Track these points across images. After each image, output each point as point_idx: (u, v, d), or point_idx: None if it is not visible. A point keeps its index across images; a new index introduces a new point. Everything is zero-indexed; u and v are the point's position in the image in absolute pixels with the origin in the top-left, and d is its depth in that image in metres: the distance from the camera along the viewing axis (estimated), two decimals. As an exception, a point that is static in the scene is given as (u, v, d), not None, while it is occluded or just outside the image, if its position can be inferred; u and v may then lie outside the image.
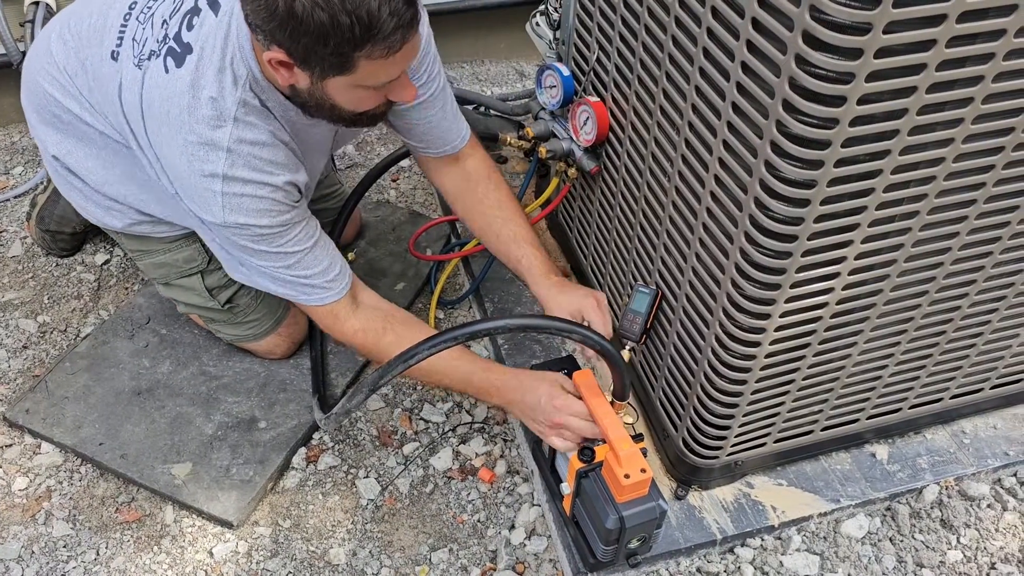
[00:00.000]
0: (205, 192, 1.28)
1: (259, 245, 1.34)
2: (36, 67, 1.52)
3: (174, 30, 1.30)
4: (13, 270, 2.01)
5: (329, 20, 1.08)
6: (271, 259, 1.37)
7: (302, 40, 1.12)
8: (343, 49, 1.13)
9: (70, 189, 1.62)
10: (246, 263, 1.40)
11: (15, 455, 1.63)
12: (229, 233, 1.33)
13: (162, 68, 1.29)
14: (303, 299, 1.43)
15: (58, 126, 1.53)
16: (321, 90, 1.23)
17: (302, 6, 1.08)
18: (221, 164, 1.26)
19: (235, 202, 1.29)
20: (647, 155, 1.38)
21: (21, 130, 2.43)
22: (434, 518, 1.57)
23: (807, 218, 1.06)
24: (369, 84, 1.22)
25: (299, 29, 1.10)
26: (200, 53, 1.27)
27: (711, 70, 1.12)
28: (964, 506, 1.56)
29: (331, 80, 1.20)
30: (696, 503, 1.51)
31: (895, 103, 0.96)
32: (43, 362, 1.80)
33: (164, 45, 1.30)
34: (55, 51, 1.47)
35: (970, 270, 1.27)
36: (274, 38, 1.14)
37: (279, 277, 1.39)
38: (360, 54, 1.14)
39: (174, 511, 1.56)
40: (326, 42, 1.11)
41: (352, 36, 1.11)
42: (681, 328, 1.38)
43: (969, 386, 1.57)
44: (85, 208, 1.63)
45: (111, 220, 1.61)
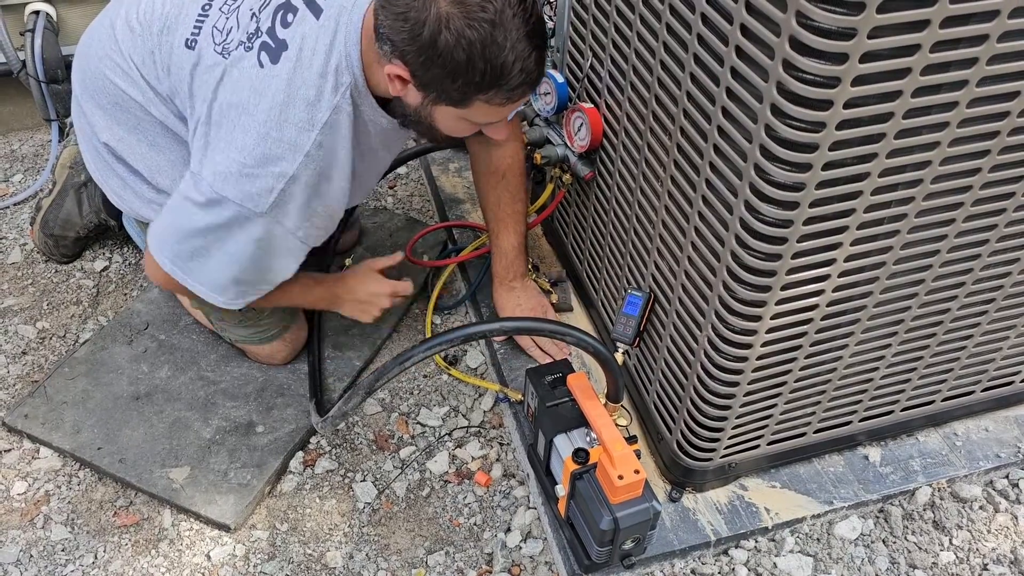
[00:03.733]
0: (263, 185, 1.29)
1: (261, 243, 1.36)
2: (98, 53, 1.50)
3: (267, 24, 1.31)
4: (12, 276, 2.02)
5: (466, 61, 1.14)
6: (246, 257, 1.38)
7: (433, 70, 1.17)
8: (467, 89, 1.19)
9: (111, 176, 1.60)
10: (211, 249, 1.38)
11: (14, 460, 1.64)
12: (253, 225, 1.32)
13: (255, 62, 1.29)
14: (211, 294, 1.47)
15: (115, 113, 1.51)
16: (428, 112, 1.28)
17: (446, 41, 1.13)
18: (295, 166, 1.29)
19: (284, 201, 1.31)
20: (640, 160, 1.40)
21: (21, 138, 2.45)
22: (430, 521, 1.58)
23: (796, 221, 1.07)
24: (475, 120, 1.28)
25: (434, 60, 1.15)
26: (299, 53, 1.28)
27: (701, 76, 1.13)
28: (956, 508, 1.57)
29: (441, 108, 1.26)
30: (690, 505, 1.52)
31: (881, 107, 0.98)
32: (42, 367, 1.81)
33: (257, 39, 1.31)
34: (120, 38, 1.46)
35: (959, 272, 1.29)
36: (404, 56, 1.18)
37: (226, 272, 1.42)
38: (481, 97, 1.20)
39: (172, 515, 1.57)
40: (455, 79, 1.17)
41: (481, 81, 1.17)
42: (674, 331, 1.39)
43: (960, 388, 1.58)
44: (122, 197, 1.62)
45: (147, 212, 1.60)
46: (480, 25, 1.13)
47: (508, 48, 1.15)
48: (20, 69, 2.22)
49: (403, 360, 1.28)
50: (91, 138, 1.58)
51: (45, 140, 2.43)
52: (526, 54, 1.18)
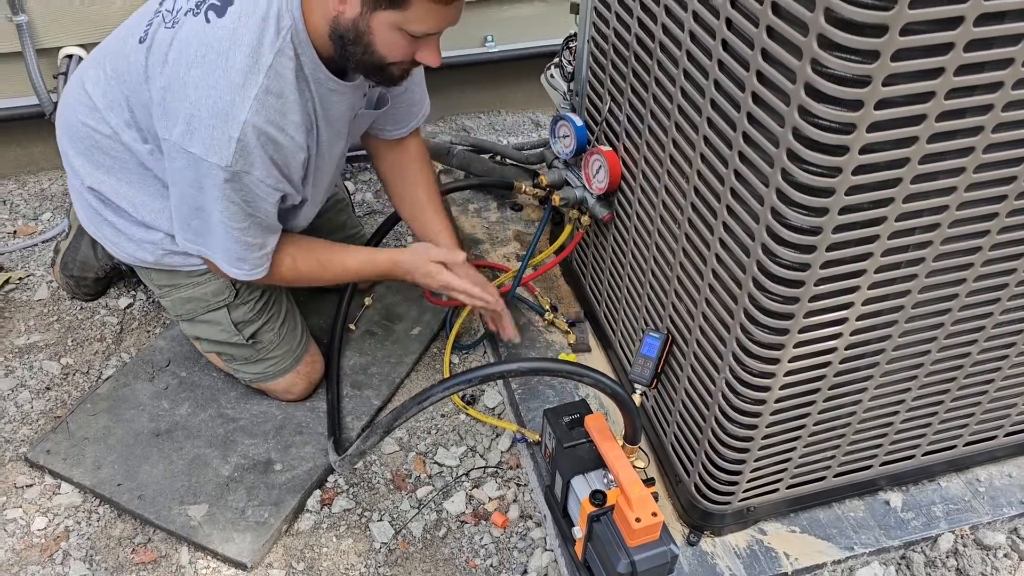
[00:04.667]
0: (221, 137, 1.33)
1: (239, 194, 1.39)
2: (72, 103, 1.59)
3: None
4: (39, 313, 2.05)
5: None
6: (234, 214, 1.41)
7: None
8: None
9: (102, 224, 1.66)
10: (207, 212, 1.43)
11: (35, 495, 1.66)
12: (222, 178, 1.36)
13: (203, 19, 1.34)
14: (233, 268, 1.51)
15: (95, 156, 1.58)
16: (366, 23, 1.31)
17: None
18: (246, 111, 1.32)
19: (246, 151, 1.34)
20: (658, 203, 1.41)
21: (51, 177, 2.50)
22: (447, 562, 1.57)
23: (813, 264, 1.08)
24: (411, 29, 1.31)
25: None
26: (242, 5, 1.33)
27: (718, 120, 1.15)
28: (980, 555, 1.55)
29: (380, 14, 1.29)
30: (708, 549, 1.51)
31: (897, 152, 0.99)
32: (65, 403, 1.84)
33: (205, 3, 1.36)
34: (89, 86, 1.55)
35: (978, 316, 1.28)
36: None
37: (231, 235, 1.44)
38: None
39: (189, 552, 1.57)
40: None
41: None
42: (692, 373, 1.40)
43: (983, 433, 1.56)
44: (117, 244, 1.66)
45: (143, 254, 1.64)
46: None
47: None
48: (52, 111, 2.27)
49: (422, 399, 1.28)
50: (80, 189, 1.65)
51: (74, 179, 2.49)
52: None
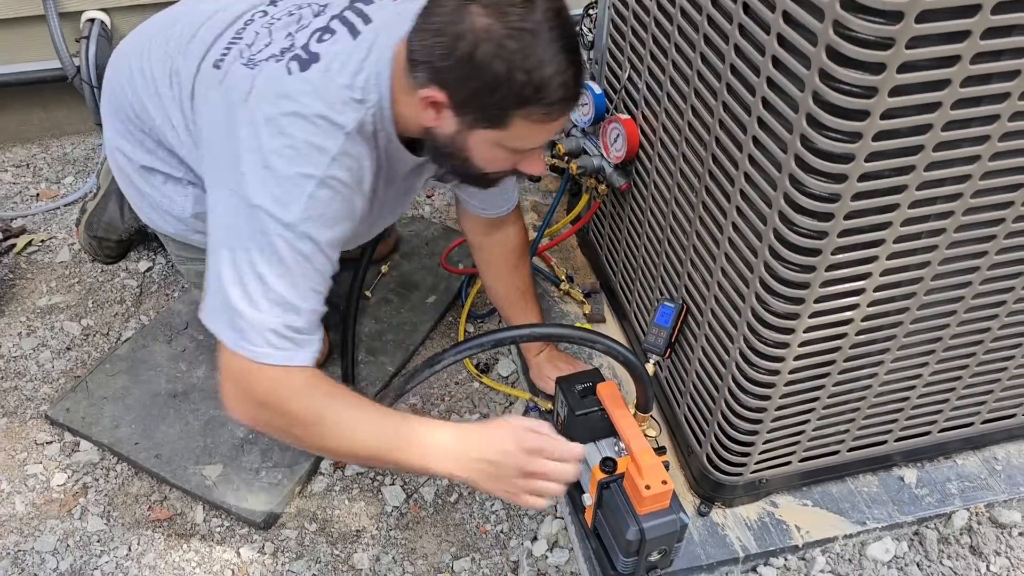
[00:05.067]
0: (293, 189, 1.18)
1: (296, 265, 1.19)
2: (122, 70, 1.52)
3: (302, 42, 1.29)
4: (60, 275, 2.07)
5: (505, 72, 1.10)
6: (285, 284, 1.19)
7: (470, 84, 1.13)
8: (506, 104, 1.14)
9: (128, 184, 1.62)
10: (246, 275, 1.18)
11: (55, 452, 1.69)
12: (284, 237, 1.17)
13: (284, 69, 1.25)
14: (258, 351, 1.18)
15: (132, 131, 1.53)
16: (463, 139, 1.22)
17: (484, 52, 1.10)
18: (323, 168, 1.19)
19: (318, 210, 1.19)
20: (675, 171, 1.40)
21: (73, 141, 2.52)
22: (458, 527, 1.58)
23: (831, 232, 1.06)
24: (513, 146, 1.22)
25: (473, 74, 1.12)
26: (328, 64, 1.24)
27: (737, 86, 1.14)
28: (995, 533, 1.54)
29: (478, 132, 1.20)
30: (719, 520, 1.51)
31: (919, 118, 0.97)
32: (85, 363, 1.86)
33: (289, 52, 1.28)
34: (153, 55, 1.47)
35: (999, 291, 1.26)
36: (438, 78, 1.15)
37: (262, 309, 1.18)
38: (520, 113, 1.15)
39: (204, 511, 1.59)
40: (493, 93, 1.13)
41: (520, 94, 1.13)
42: (706, 343, 1.39)
43: (1001, 411, 1.54)
44: (140, 208, 1.64)
45: (165, 226, 1.62)
46: (520, 35, 1.10)
47: (548, 60, 1.12)
48: (75, 75, 2.29)
49: (433, 363, 1.29)
50: (110, 147, 1.61)
51: (96, 144, 2.50)
52: (564, 67, 1.14)
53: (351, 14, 1.32)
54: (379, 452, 1.22)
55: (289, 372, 1.19)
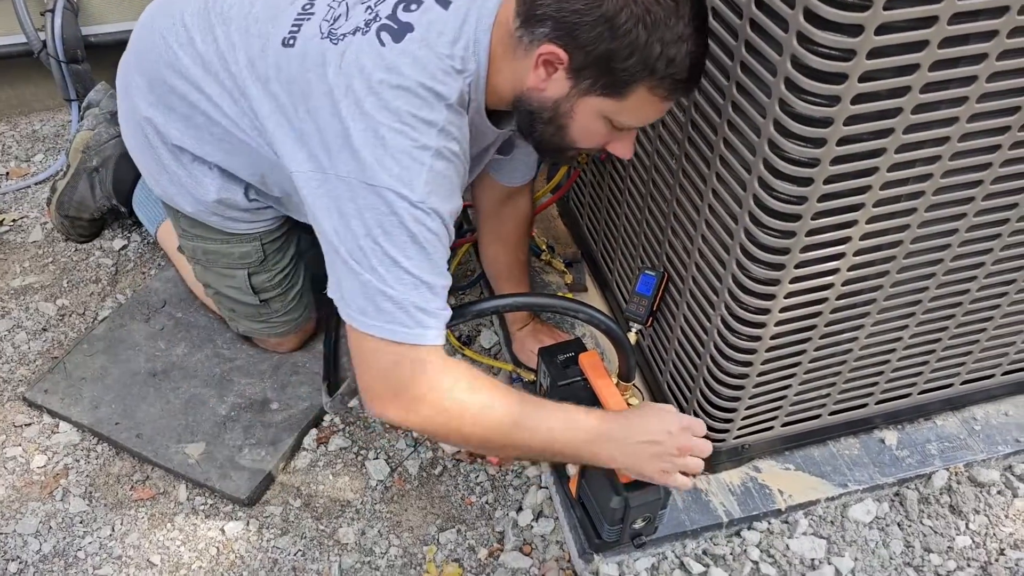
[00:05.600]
0: (412, 164, 1.14)
1: (428, 244, 1.16)
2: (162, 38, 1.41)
3: (387, 11, 1.22)
4: (34, 255, 2.04)
5: (645, 39, 1.06)
6: (420, 264, 1.16)
7: (603, 46, 1.07)
8: (634, 72, 1.09)
9: (147, 154, 1.53)
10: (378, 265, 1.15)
11: (34, 434, 1.67)
12: (413, 215, 1.14)
13: (375, 40, 1.18)
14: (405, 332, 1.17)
15: (169, 100, 1.43)
16: (570, 106, 1.16)
17: (630, 13, 1.05)
18: (435, 138, 1.15)
19: (438, 180, 1.16)
20: (654, 138, 1.39)
21: (42, 119, 2.47)
22: (443, 499, 1.59)
23: (810, 198, 1.06)
24: (620, 119, 1.16)
25: (611, 34, 1.06)
26: (425, 33, 1.18)
27: (715, 50, 1.12)
28: (974, 492, 1.56)
29: (590, 99, 1.14)
30: (703, 486, 1.52)
31: (898, 80, 0.96)
32: (62, 344, 1.84)
33: (375, 23, 1.21)
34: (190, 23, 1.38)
35: (977, 252, 1.27)
36: (565, 35, 1.09)
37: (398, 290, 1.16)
38: (645, 84, 1.10)
39: (187, 490, 1.59)
40: (627, 58, 1.07)
41: (653, 65, 1.08)
42: (688, 311, 1.39)
43: (980, 372, 1.56)
44: (157, 179, 1.55)
45: (182, 202, 1.55)
46: (666, 5, 1.05)
47: (687, 36, 1.07)
48: (40, 49, 2.23)
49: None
50: (135, 116, 1.51)
51: (66, 120, 2.46)
52: (698, 47, 1.09)
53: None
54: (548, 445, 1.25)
55: (438, 358, 1.19)
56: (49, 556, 1.49)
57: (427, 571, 1.48)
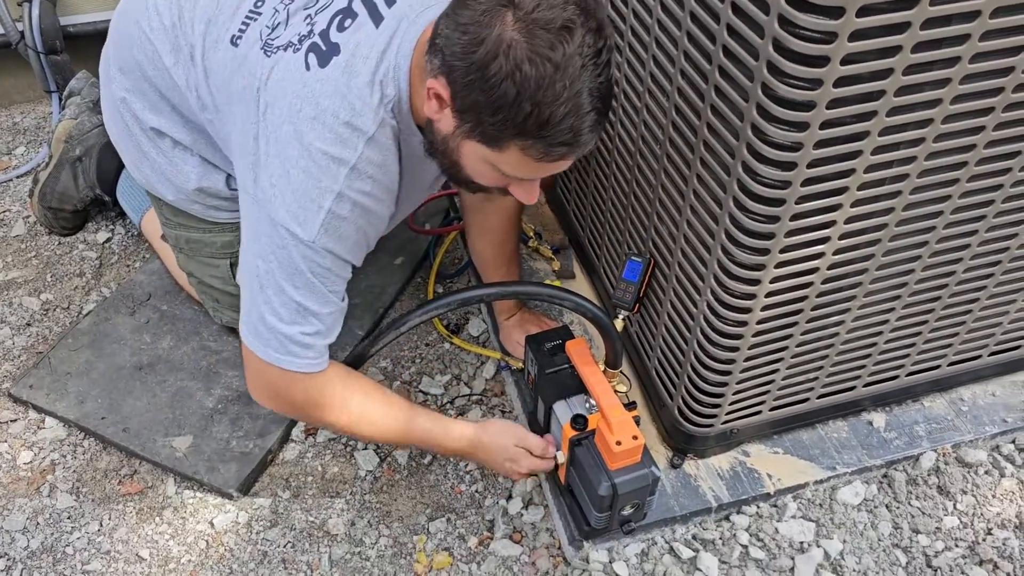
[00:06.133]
0: (310, 206, 1.15)
1: (316, 278, 1.20)
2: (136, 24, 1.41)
3: (321, 27, 1.21)
4: (16, 249, 2.02)
5: (513, 97, 1.00)
6: (306, 295, 1.21)
7: (475, 95, 1.03)
8: (505, 128, 1.04)
9: (128, 140, 1.52)
10: (268, 286, 1.21)
11: (20, 429, 1.66)
12: (303, 253, 1.17)
13: (301, 63, 1.17)
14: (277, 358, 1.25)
15: (142, 86, 1.44)
16: (456, 144, 1.13)
17: (499, 68, 0.99)
18: (342, 180, 1.15)
19: (336, 224, 1.17)
20: (639, 123, 1.38)
21: (23, 110, 2.44)
22: (432, 489, 1.58)
23: (794, 182, 1.05)
24: (504, 170, 1.13)
25: (480, 84, 1.02)
26: (349, 59, 1.16)
27: (697, 34, 1.11)
28: (961, 473, 1.56)
29: (471, 143, 1.10)
30: (692, 471, 1.52)
31: (880, 62, 0.95)
32: (46, 339, 1.82)
33: (307, 40, 1.20)
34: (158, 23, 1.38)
35: (963, 235, 1.26)
36: (450, 73, 1.05)
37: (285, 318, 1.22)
38: (517, 143, 1.06)
39: (176, 483, 1.58)
40: (495, 113, 1.03)
41: (522, 124, 1.03)
42: (674, 296, 1.38)
43: (967, 353, 1.56)
44: (138, 167, 1.55)
45: (163, 190, 1.54)
46: (542, 64, 0.99)
47: (564, 99, 1.01)
48: (19, 40, 2.20)
49: (399, 325, 1.27)
50: (114, 100, 1.51)
51: (46, 112, 2.43)
52: (582, 112, 1.03)
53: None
54: (401, 440, 1.44)
55: (313, 377, 1.27)
56: (37, 552, 1.48)
57: (417, 560, 1.48)
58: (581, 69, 1.01)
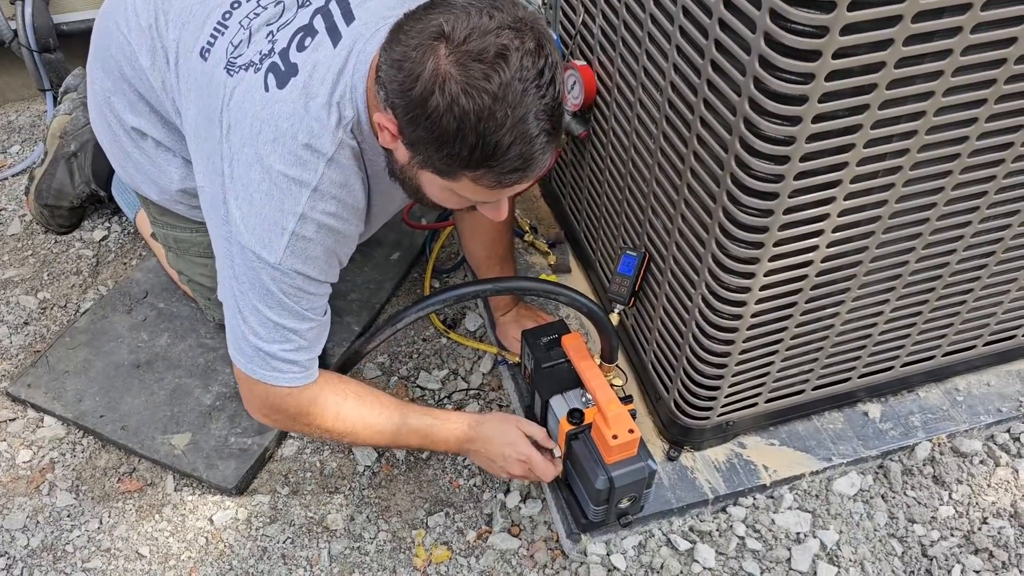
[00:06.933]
0: (273, 228, 1.15)
1: (288, 298, 1.20)
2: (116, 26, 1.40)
3: (281, 46, 1.20)
4: (13, 248, 2.02)
5: (455, 131, 0.99)
6: (281, 313, 1.22)
7: (419, 131, 1.03)
8: (453, 163, 1.04)
9: (113, 141, 1.52)
10: (244, 307, 1.22)
11: (18, 428, 1.66)
12: (271, 275, 1.18)
13: (261, 84, 1.17)
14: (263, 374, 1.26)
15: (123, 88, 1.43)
16: (414, 173, 1.13)
17: (436, 104, 0.98)
18: (304, 202, 1.15)
19: (301, 246, 1.17)
20: (632, 118, 1.38)
21: (18, 109, 2.44)
22: (430, 483, 1.59)
23: (787, 175, 1.06)
24: (464, 195, 1.12)
25: (421, 121, 1.01)
26: (307, 81, 1.15)
27: (690, 28, 1.11)
28: (956, 462, 1.57)
29: (427, 174, 1.10)
30: (688, 464, 1.52)
31: (872, 56, 0.95)
32: (44, 338, 1.82)
33: (268, 60, 1.19)
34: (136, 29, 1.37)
35: (956, 226, 1.27)
36: (394, 109, 1.05)
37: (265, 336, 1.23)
38: (468, 174, 1.05)
39: (175, 480, 1.59)
40: (440, 148, 1.02)
41: (469, 157, 1.02)
42: (669, 290, 1.39)
43: (962, 343, 1.57)
44: (124, 167, 1.55)
45: (148, 191, 1.55)
46: (479, 95, 0.97)
47: (508, 127, 0.99)
48: (12, 39, 2.20)
49: (395, 321, 1.28)
50: (99, 100, 1.51)
51: (41, 110, 2.42)
52: (528, 137, 1.01)
53: (335, 7, 1.22)
54: (394, 444, 1.43)
55: (302, 390, 1.28)
56: (37, 551, 1.49)
57: (416, 555, 1.49)
58: (523, 94, 0.99)
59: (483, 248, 1.68)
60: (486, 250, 1.68)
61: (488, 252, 1.68)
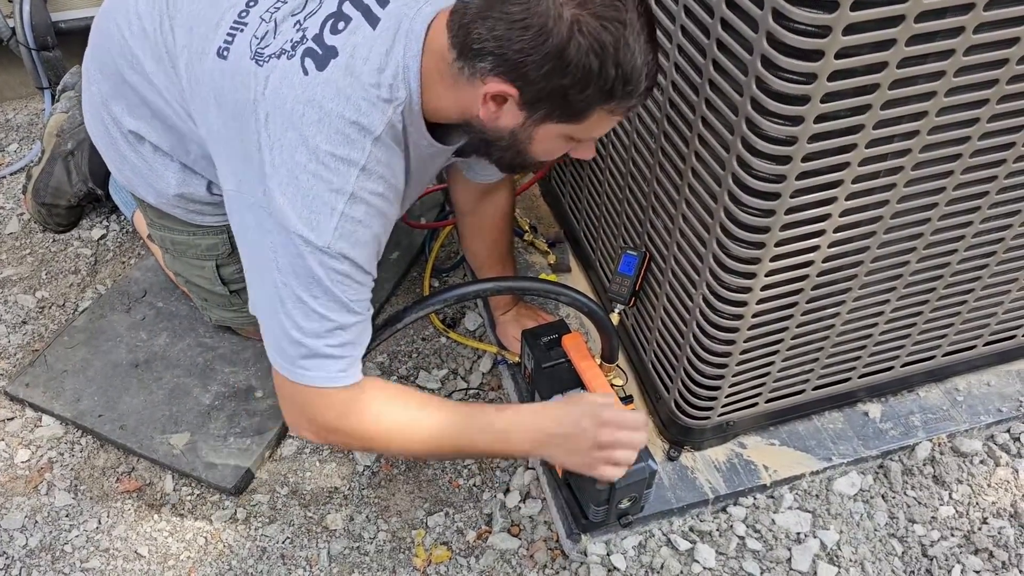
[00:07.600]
0: (323, 209, 1.12)
1: (335, 286, 1.16)
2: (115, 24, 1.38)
3: (313, 32, 1.17)
4: (11, 247, 2.02)
5: (599, 68, 1.02)
6: (327, 304, 1.17)
7: (555, 80, 1.03)
8: (594, 98, 1.06)
9: (109, 144, 1.50)
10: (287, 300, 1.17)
11: (17, 428, 1.66)
12: (319, 260, 1.14)
13: (298, 69, 1.14)
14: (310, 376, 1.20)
15: (122, 90, 1.41)
16: (528, 133, 1.13)
17: (577, 46, 1.00)
18: (353, 181, 1.13)
19: (351, 228, 1.14)
20: (633, 117, 1.38)
21: (15, 107, 2.43)
22: (430, 483, 1.59)
23: (789, 176, 1.05)
24: (582, 136, 1.14)
25: (562, 69, 1.02)
26: (349, 60, 1.13)
27: (691, 28, 1.11)
28: (957, 462, 1.57)
29: (548, 126, 1.11)
30: (689, 464, 1.52)
31: (875, 55, 0.95)
32: (42, 337, 1.82)
33: (300, 46, 1.17)
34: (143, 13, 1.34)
35: (957, 226, 1.27)
36: (512, 71, 1.04)
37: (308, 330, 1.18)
38: (604, 107, 1.07)
39: (173, 480, 1.58)
40: (584, 88, 1.04)
41: (612, 88, 1.04)
42: (670, 290, 1.38)
43: (962, 343, 1.57)
44: (120, 170, 1.53)
45: (144, 194, 1.53)
46: (613, 26, 1.00)
47: (638, 50, 1.03)
48: (10, 37, 2.19)
49: (394, 322, 1.27)
50: (96, 102, 1.49)
51: (39, 108, 2.42)
52: (650, 56, 1.05)
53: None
54: (456, 446, 1.28)
55: (345, 390, 1.21)
56: (36, 551, 1.48)
57: (416, 555, 1.48)
58: (639, 19, 1.03)
59: (484, 247, 1.67)
60: (487, 249, 1.67)
61: (490, 251, 1.67)
